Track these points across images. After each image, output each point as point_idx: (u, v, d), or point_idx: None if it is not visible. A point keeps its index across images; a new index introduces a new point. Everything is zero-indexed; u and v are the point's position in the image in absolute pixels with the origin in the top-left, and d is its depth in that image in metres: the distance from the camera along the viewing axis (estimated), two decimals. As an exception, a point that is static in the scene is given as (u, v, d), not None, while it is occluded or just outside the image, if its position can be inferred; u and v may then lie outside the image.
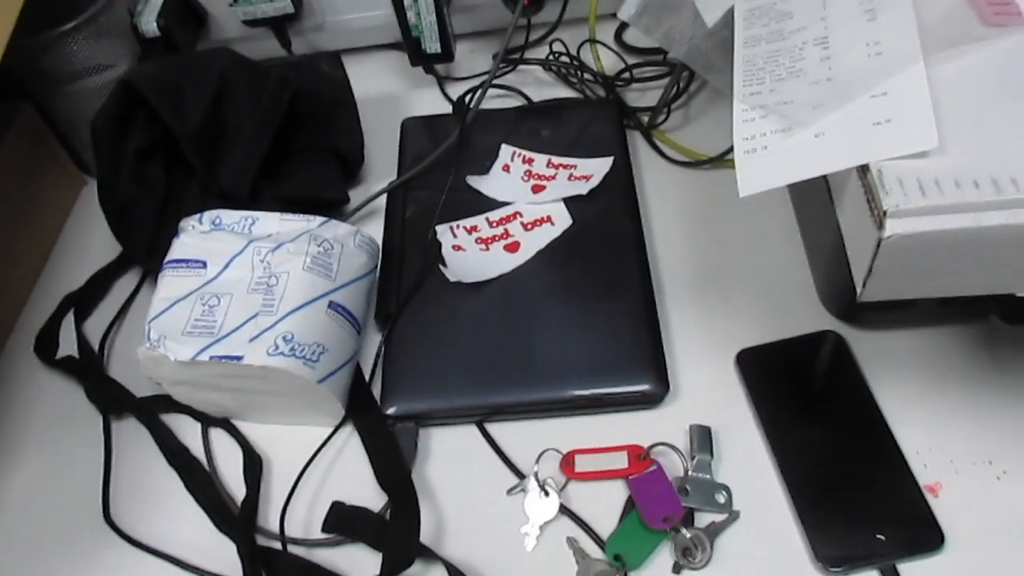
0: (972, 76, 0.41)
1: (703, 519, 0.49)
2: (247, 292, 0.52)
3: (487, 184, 0.65)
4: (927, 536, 0.46)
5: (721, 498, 0.49)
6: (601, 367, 0.53)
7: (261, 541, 0.51)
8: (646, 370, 0.53)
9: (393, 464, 0.52)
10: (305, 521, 0.51)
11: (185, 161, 0.61)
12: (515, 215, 0.63)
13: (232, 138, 0.61)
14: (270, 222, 0.56)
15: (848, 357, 0.53)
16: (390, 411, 0.54)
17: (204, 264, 0.53)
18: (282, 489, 0.52)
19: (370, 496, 0.52)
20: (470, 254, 0.60)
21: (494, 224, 0.62)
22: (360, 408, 0.55)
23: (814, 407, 0.52)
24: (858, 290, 0.41)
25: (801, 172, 0.40)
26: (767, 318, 0.56)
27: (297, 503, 0.52)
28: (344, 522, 0.50)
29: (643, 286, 0.57)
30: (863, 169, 0.39)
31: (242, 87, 0.61)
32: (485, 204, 0.64)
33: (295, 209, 0.57)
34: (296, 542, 0.50)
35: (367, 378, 0.56)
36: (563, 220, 0.61)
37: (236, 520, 0.51)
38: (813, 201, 0.54)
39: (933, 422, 0.50)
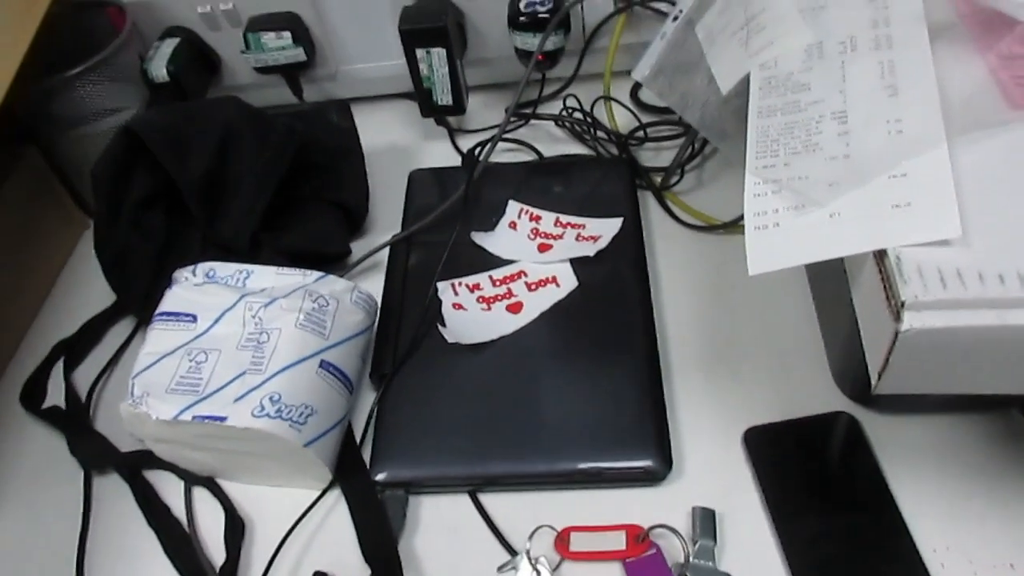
0: (998, 162, 0.38)
1: (703, 612, 0.46)
2: (236, 349, 0.51)
3: (492, 241, 0.63)
4: (943, 644, 0.43)
5: (723, 589, 0.46)
6: (601, 440, 0.51)
7: (237, 612, 0.48)
8: (648, 445, 0.51)
9: (379, 534, 0.50)
10: (284, 591, 0.49)
11: (186, 209, 0.60)
12: (519, 274, 0.61)
13: (234, 189, 0.61)
14: (265, 276, 0.55)
15: (862, 442, 0.51)
16: (379, 477, 0.52)
17: (194, 318, 0.52)
18: (263, 554, 0.50)
19: (354, 566, 0.49)
20: (471, 314, 0.59)
21: (497, 283, 0.61)
22: (349, 472, 0.53)
23: (825, 494, 0.49)
24: (872, 382, 0.38)
25: (814, 254, 0.38)
26: (777, 395, 0.54)
27: (278, 571, 0.50)
28: (325, 595, 0.48)
29: (649, 355, 0.55)
30: (880, 254, 0.37)
31: (247, 137, 0.61)
32: (489, 261, 0.62)
33: (296, 261, 0.56)
34: (273, 615, 0.48)
35: (359, 440, 0.55)
36: (569, 282, 0.60)
37: (213, 588, 0.49)
38: (829, 278, 0.52)
39: (952, 519, 0.47)
